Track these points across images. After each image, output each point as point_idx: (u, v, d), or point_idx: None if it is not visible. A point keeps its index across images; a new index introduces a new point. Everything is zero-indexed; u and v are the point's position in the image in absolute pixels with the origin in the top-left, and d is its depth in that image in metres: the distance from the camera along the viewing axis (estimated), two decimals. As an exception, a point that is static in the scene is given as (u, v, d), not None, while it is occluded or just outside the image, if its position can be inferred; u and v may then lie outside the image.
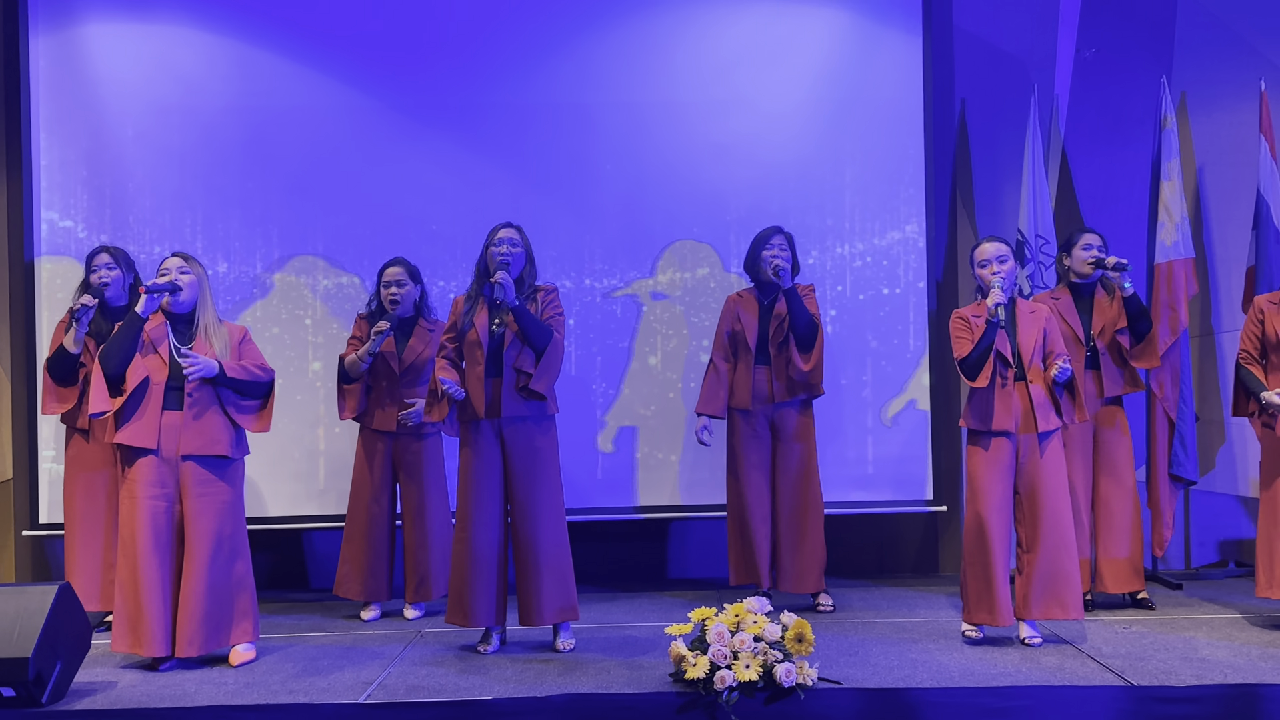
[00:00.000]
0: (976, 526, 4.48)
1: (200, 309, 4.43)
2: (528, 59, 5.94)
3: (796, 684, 3.79)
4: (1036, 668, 4.11)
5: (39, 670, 3.82)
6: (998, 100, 6.12)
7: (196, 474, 4.34)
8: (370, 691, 3.98)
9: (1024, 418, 4.47)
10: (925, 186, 5.95)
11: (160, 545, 4.29)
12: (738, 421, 5.25)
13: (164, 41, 5.88)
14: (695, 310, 5.93)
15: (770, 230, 5.20)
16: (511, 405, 4.43)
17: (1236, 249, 6.07)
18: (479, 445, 4.46)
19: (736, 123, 5.95)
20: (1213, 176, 6.14)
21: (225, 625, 4.38)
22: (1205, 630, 4.67)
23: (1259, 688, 3.84)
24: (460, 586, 4.45)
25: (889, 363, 5.94)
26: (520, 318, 4.39)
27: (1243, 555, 6.09)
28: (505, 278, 4.35)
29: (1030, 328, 4.50)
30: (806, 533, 5.16)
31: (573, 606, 4.52)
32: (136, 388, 4.28)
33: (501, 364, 4.44)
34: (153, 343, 4.35)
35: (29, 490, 5.81)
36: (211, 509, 4.34)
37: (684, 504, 5.92)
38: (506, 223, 4.58)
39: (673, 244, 5.95)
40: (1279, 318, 4.58)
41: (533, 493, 4.45)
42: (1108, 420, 5.11)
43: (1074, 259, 5.12)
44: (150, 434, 4.29)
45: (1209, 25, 6.11)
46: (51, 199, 5.86)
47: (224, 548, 4.37)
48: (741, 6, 5.95)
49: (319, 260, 5.90)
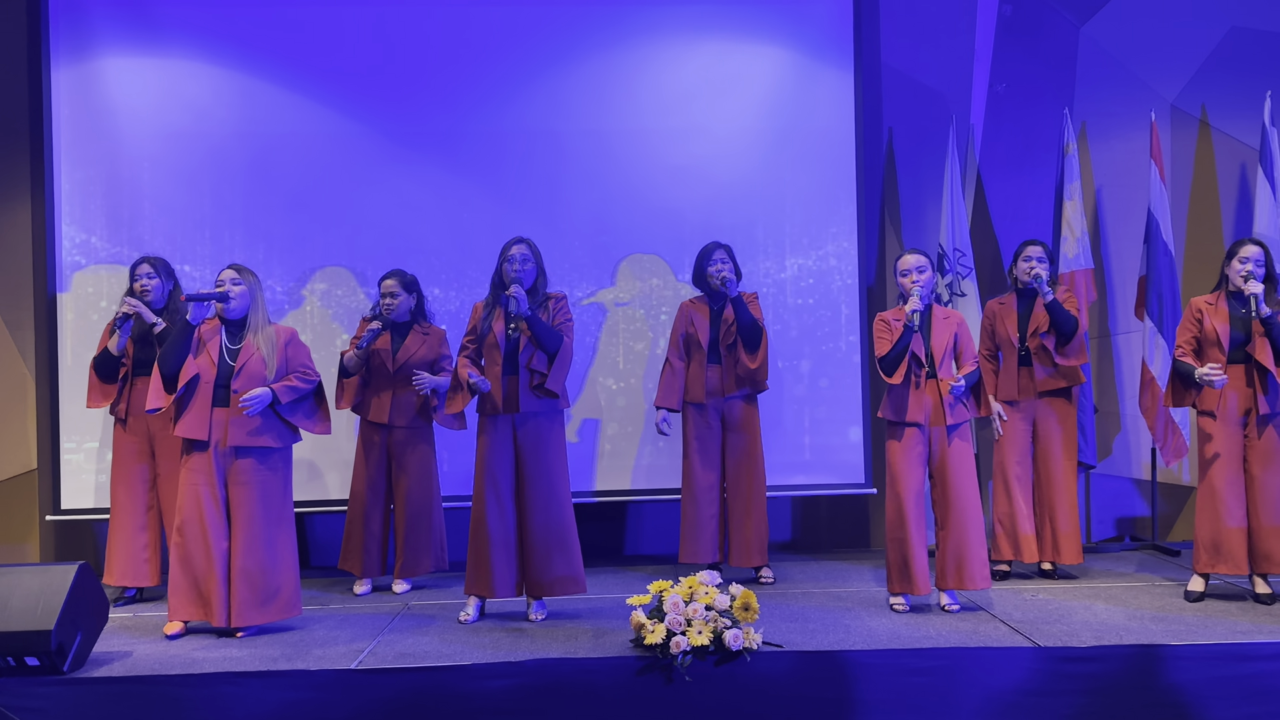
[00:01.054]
0: (895, 508, 4.51)
1: (252, 314, 4.41)
2: (504, 90, 5.92)
3: (743, 648, 3.81)
4: (955, 632, 4.14)
5: (60, 641, 3.78)
6: (920, 129, 6.15)
7: (243, 462, 4.32)
8: (361, 658, 3.96)
9: (934, 411, 4.51)
10: (857, 205, 5.97)
11: (212, 526, 4.27)
12: (691, 413, 5.26)
13: (174, 73, 5.81)
14: (652, 315, 5.93)
15: (712, 246, 5.21)
16: (528, 402, 4.42)
17: (1130, 261, 6.15)
18: (495, 436, 4.45)
19: (692, 147, 5.95)
20: (1109, 197, 6.21)
21: (276, 601, 4.35)
22: (1104, 598, 4.72)
23: (1151, 647, 3.89)
24: (480, 562, 4.44)
25: (826, 362, 5.96)
26: (533, 325, 4.38)
27: (1136, 531, 6.15)
28: (519, 290, 4.36)
29: (943, 332, 4.54)
30: (751, 512, 5.18)
31: (578, 578, 4.50)
32: (188, 384, 4.28)
33: (517, 364, 4.43)
34: (205, 343, 4.34)
35: (52, 478, 5.73)
36: (255, 495, 4.32)
37: (642, 488, 5.91)
38: (519, 238, 4.55)
39: (630, 255, 5.93)
40: (1216, 317, 4.63)
41: (541, 480, 4.45)
42: (1043, 413, 5.14)
43: (1017, 268, 5.16)
44: (202, 427, 4.28)
45: (1106, 63, 6.18)
46: (72, 216, 5.78)
47: (268, 530, 4.33)
48: (696, 44, 5.95)
49: (316, 270, 5.85)
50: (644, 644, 3.85)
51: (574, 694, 3.81)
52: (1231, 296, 4.66)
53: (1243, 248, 4.62)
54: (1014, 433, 5.12)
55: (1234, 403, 4.61)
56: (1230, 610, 4.42)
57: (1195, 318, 4.69)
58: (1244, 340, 4.58)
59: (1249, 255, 4.59)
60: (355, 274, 5.84)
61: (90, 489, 5.71)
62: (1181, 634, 4.05)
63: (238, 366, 4.32)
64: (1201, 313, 4.68)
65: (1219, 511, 4.59)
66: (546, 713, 3.79)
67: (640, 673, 3.82)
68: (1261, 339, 4.53)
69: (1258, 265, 4.57)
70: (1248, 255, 4.59)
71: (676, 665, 3.79)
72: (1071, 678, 3.85)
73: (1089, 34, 6.18)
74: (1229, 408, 4.60)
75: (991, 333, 5.21)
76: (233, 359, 4.34)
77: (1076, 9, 6.17)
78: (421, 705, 3.78)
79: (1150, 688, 3.84)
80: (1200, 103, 6.19)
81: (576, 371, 5.85)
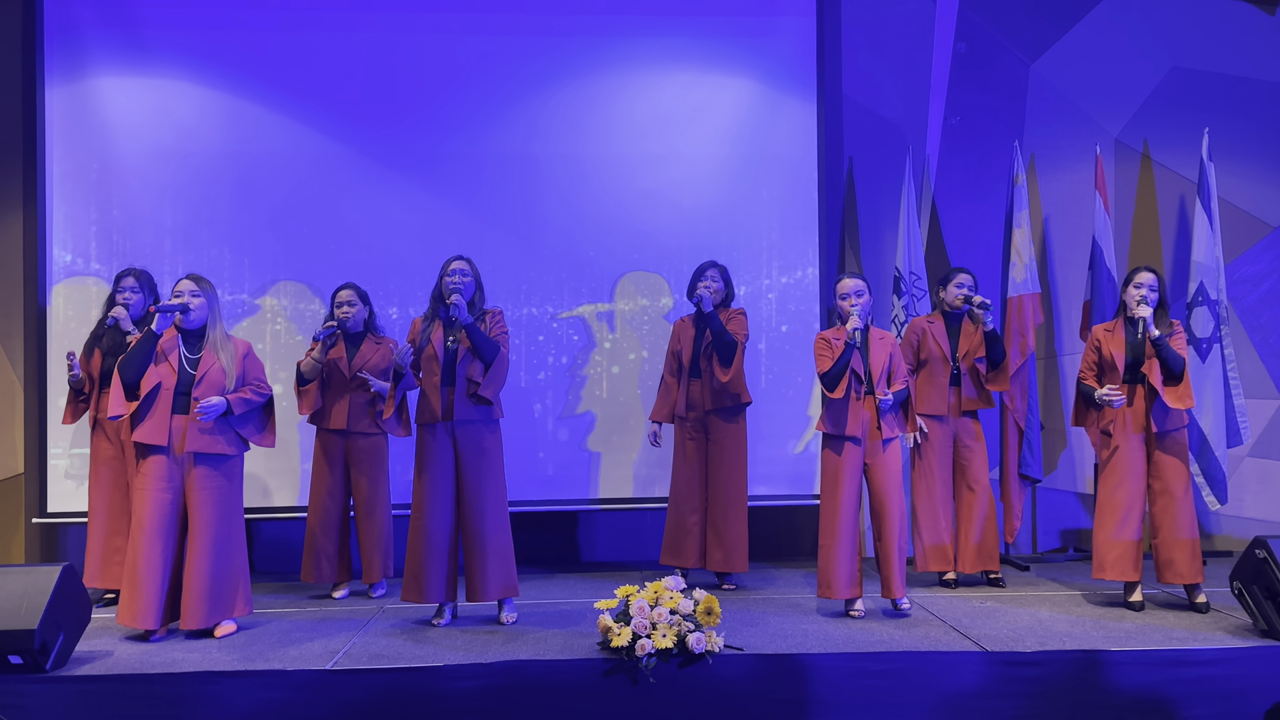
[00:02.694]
0: (829, 514, 4.55)
1: (210, 325, 4.36)
2: (483, 114, 5.93)
3: (706, 650, 3.82)
4: (908, 636, 4.17)
5: (44, 640, 3.74)
6: (879, 158, 6.21)
7: (200, 469, 4.27)
8: (337, 659, 3.93)
9: (870, 426, 4.57)
10: (819, 229, 6.02)
11: (165, 532, 4.22)
12: (677, 426, 5.28)
13: (163, 93, 5.78)
14: (635, 330, 5.94)
15: (706, 264, 5.23)
16: (463, 410, 4.41)
17: (1075, 285, 6.23)
18: (433, 445, 4.43)
19: (663, 173, 5.98)
20: (1056, 225, 6.28)
21: (225, 602, 4.31)
22: (1048, 605, 4.76)
23: (1093, 653, 3.93)
24: (415, 567, 4.42)
25: (786, 378, 5.99)
26: (472, 334, 4.38)
27: (1080, 542, 6.21)
28: (459, 299, 4.36)
29: (880, 352, 4.60)
30: (729, 520, 5.16)
31: (513, 584, 4.50)
32: (149, 393, 4.22)
33: (455, 375, 4.42)
34: (165, 353, 4.28)
35: (39, 482, 5.68)
36: (212, 500, 4.27)
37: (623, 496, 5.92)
38: (458, 255, 4.57)
39: (623, 275, 5.95)
40: (1112, 343, 4.71)
41: (480, 486, 4.43)
42: (965, 429, 5.20)
43: (948, 293, 5.20)
44: (161, 433, 4.23)
45: (1054, 99, 6.27)
46: (62, 230, 5.73)
47: (222, 534, 4.29)
48: (667, 75, 5.98)
49: (297, 285, 5.83)
50: (611, 646, 3.85)
51: (542, 694, 3.80)
52: (1128, 322, 4.73)
53: (1138, 275, 4.69)
54: (940, 445, 5.15)
55: (1130, 421, 4.68)
56: (1168, 619, 4.47)
57: (1095, 344, 4.78)
58: (1139, 362, 4.65)
59: (1143, 281, 4.66)
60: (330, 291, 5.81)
61: (75, 493, 5.65)
62: (1121, 640, 4.09)
63: (199, 375, 4.28)
64: (1100, 340, 4.76)
65: (1113, 523, 4.65)
66: (516, 712, 3.78)
67: (607, 674, 3.82)
68: (1153, 360, 4.61)
69: (1151, 290, 4.64)
70: (1142, 281, 4.67)
71: (642, 667, 3.79)
72: (1017, 681, 3.88)
73: (1038, 71, 6.27)
74: (1126, 426, 4.67)
75: (916, 348, 5.24)
76: (193, 368, 4.29)
77: (1027, 47, 6.27)
78: (395, 705, 3.76)
79: (1092, 690, 3.88)
80: (1143, 137, 6.29)
81: (558, 383, 5.86)
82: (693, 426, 5.23)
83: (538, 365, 5.90)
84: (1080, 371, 4.82)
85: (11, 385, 5.82)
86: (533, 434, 5.87)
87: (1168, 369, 4.58)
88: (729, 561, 5.16)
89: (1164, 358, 4.57)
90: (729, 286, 5.23)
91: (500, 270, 5.80)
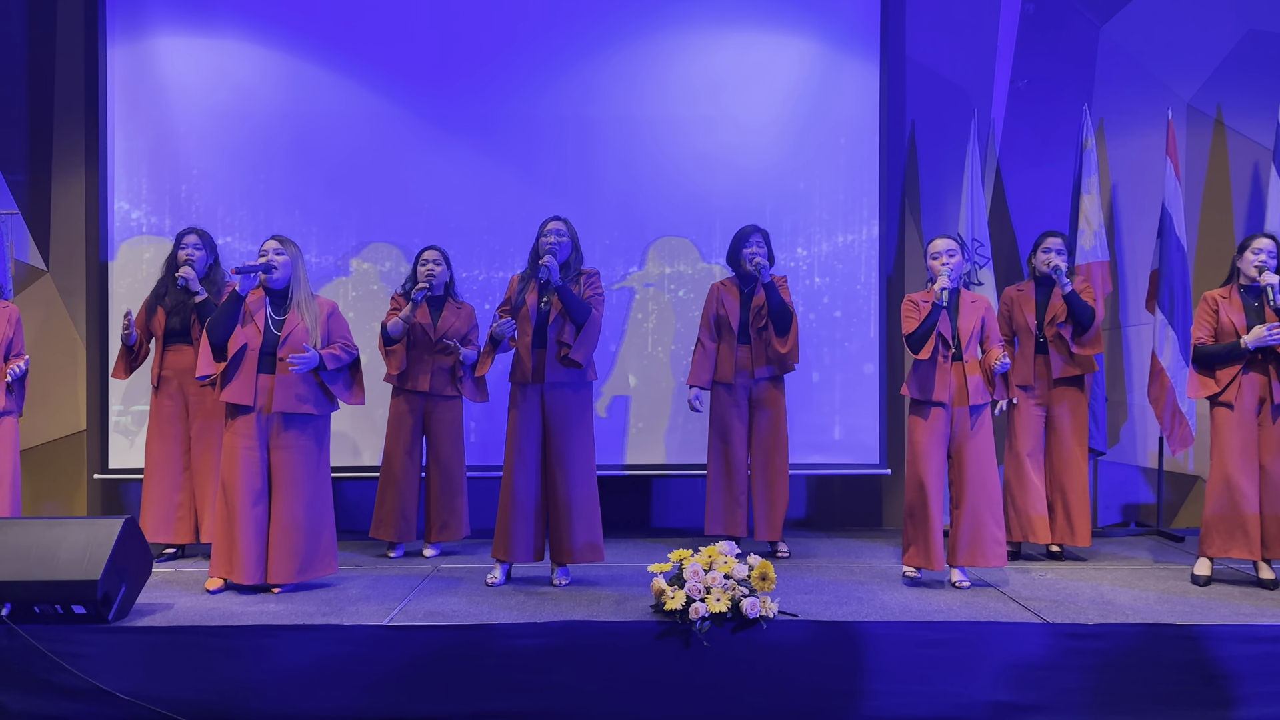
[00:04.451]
0: (916, 483, 4.47)
1: (294, 285, 4.39)
2: (539, 77, 5.88)
3: (760, 615, 3.79)
4: (966, 606, 4.11)
5: (106, 591, 3.80)
6: (943, 122, 6.07)
7: (286, 429, 4.32)
8: (393, 615, 3.96)
9: (958, 392, 4.46)
10: (879, 194, 5.91)
11: (254, 489, 4.27)
12: (721, 393, 5.21)
13: (222, 53, 5.81)
14: (680, 296, 5.90)
15: (749, 229, 5.15)
16: (553, 372, 4.41)
17: (1143, 255, 6.07)
18: (523, 406, 4.44)
19: (720, 135, 5.90)
20: (1125, 192, 6.13)
21: (313, 560, 4.36)
22: (1110, 579, 4.67)
23: (1155, 626, 3.85)
24: (505, 525, 4.44)
25: (844, 347, 5.92)
26: (564, 296, 4.37)
27: (1141, 517, 6.09)
28: (551, 261, 4.35)
29: (970, 315, 4.49)
30: (775, 488, 5.13)
31: (598, 547, 4.49)
32: (236, 353, 4.26)
33: (546, 337, 4.41)
34: (251, 313, 4.32)
35: (100, 439, 5.78)
36: (299, 460, 4.32)
37: (667, 464, 5.89)
38: (555, 216, 4.56)
39: (660, 239, 5.91)
40: (1231, 309, 4.56)
41: (566, 449, 4.43)
42: (1056, 398, 5.07)
43: (1036, 258, 5.09)
44: (248, 393, 4.27)
45: (1125, 63, 6.09)
46: (123, 189, 5.80)
47: (310, 493, 4.33)
48: (724, 35, 5.89)
49: (353, 244, 5.85)
50: (664, 610, 3.83)
51: (595, 654, 3.79)
52: (1243, 289, 4.59)
53: (1256, 240, 4.56)
54: (1028, 417, 5.06)
55: (1249, 392, 4.54)
56: (1234, 594, 4.37)
57: (1212, 309, 4.62)
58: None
59: (1262, 247, 4.52)
60: (397, 248, 5.83)
61: (136, 450, 5.74)
62: (1186, 614, 4.00)
63: (283, 335, 4.31)
64: (1217, 304, 4.61)
65: (1234, 498, 4.51)
66: (569, 672, 3.78)
67: (660, 637, 3.80)
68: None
69: (1270, 257, 4.50)
70: (1260, 247, 4.53)
71: (695, 631, 3.77)
72: (1079, 653, 3.81)
73: (1109, 33, 6.09)
74: (1244, 397, 4.53)
75: (1009, 319, 5.15)
76: (278, 328, 4.33)
77: (1097, 8, 6.09)
78: (450, 661, 3.78)
79: (1156, 664, 3.80)
80: (1216, 103, 6.09)
81: (606, 350, 5.83)
82: (738, 392, 5.17)
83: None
84: (1196, 339, 4.63)
85: (74, 343, 5.90)
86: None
87: None
88: (774, 529, 5.12)
89: None
90: (771, 252, 5.16)
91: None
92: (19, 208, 5.86)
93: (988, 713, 3.78)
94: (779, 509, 5.14)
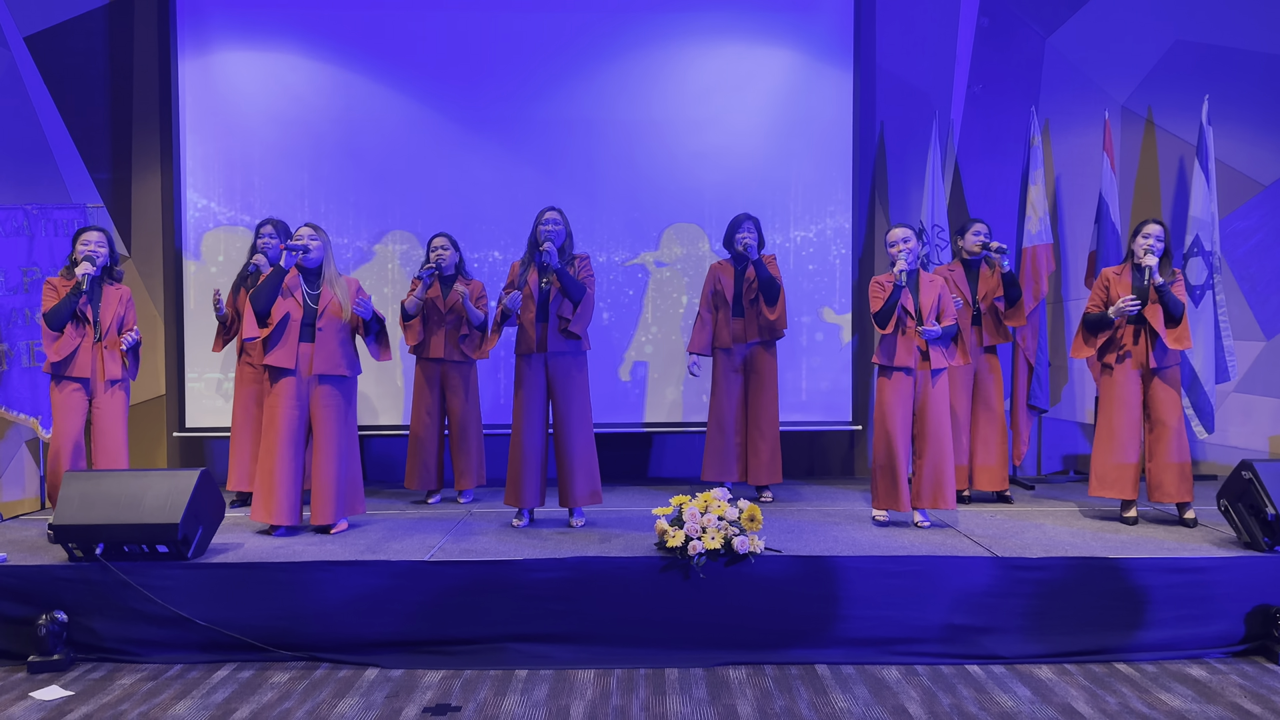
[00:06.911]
0: (884, 438, 4.48)
1: (325, 265, 4.43)
2: (552, 84, 5.85)
3: (749, 551, 3.82)
4: (926, 543, 4.13)
5: (185, 533, 3.83)
6: (908, 122, 6.04)
7: (325, 388, 4.35)
8: (433, 552, 3.99)
9: (920, 358, 4.46)
10: (852, 187, 5.89)
11: (294, 444, 4.31)
12: (719, 357, 5.22)
13: (278, 65, 5.78)
14: (685, 275, 5.89)
15: (742, 217, 5.14)
16: (555, 343, 4.42)
17: (1083, 238, 6.05)
18: (529, 373, 4.46)
19: (711, 137, 5.87)
20: (1067, 183, 6.09)
21: (347, 502, 4.42)
22: (1051, 519, 4.69)
23: (1090, 559, 3.88)
24: (514, 476, 4.47)
25: (821, 319, 5.91)
26: (562, 277, 4.38)
27: (1079, 466, 6.10)
28: (551, 247, 4.36)
29: (929, 291, 4.48)
30: (765, 439, 5.15)
31: (598, 492, 4.52)
32: (280, 321, 4.29)
33: (548, 312, 4.42)
34: (290, 289, 4.35)
35: (179, 402, 5.80)
36: (335, 415, 4.36)
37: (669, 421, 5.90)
38: (551, 206, 4.54)
39: (670, 225, 5.88)
40: (1119, 285, 4.56)
41: (569, 408, 4.45)
42: (984, 364, 5.10)
43: (966, 241, 5.07)
44: (290, 358, 4.30)
45: (1068, 70, 6.04)
46: (195, 185, 5.79)
47: (344, 444, 4.39)
48: (715, 47, 5.85)
49: (397, 233, 5.85)
50: (666, 547, 3.86)
51: (607, 585, 3.83)
52: (1135, 269, 4.57)
53: (1146, 226, 4.53)
54: (961, 379, 5.04)
55: (1130, 357, 4.54)
56: (1159, 532, 4.38)
57: (1104, 284, 4.62)
58: (1140, 305, 4.50)
59: (1150, 232, 4.50)
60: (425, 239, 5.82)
61: (209, 411, 5.77)
62: (1117, 549, 4.02)
63: (320, 308, 4.34)
64: (1109, 281, 4.61)
65: (1112, 447, 4.53)
66: (584, 600, 3.82)
67: (663, 570, 3.84)
68: (1155, 305, 4.46)
69: (1158, 241, 4.48)
70: (1149, 232, 4.50)
71: (693, 565, 3.80)
72: (1025, 582, 3.84)
73: (1054, 44, 6.04)
74: (1127, 361, 4.54)
75: None
76: (314, 302, 4.36)
77: (1044, 22, 6.03)
78: (482, 590, 3.81)
79: (1090, 591, 3.83)
80: (1147, 105, 6.05)
81: (625, 323, 5.84)
82: (734, 356, 5.18)
83: (602, 306, 5.87)
84: (1087, 307, 4.67)
85: (154, 319, 5.92)
86: (609, 364, 5.86)
87: (1169, 313, 4.44)
88: (768, 475, 5.14)
89: (1166, 303, 4.43)
90: (761, 235, 5.15)
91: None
92: (103, 202, 5.86)
93: (943, 633, 3.82)
94: (772, 457, 5.15)
